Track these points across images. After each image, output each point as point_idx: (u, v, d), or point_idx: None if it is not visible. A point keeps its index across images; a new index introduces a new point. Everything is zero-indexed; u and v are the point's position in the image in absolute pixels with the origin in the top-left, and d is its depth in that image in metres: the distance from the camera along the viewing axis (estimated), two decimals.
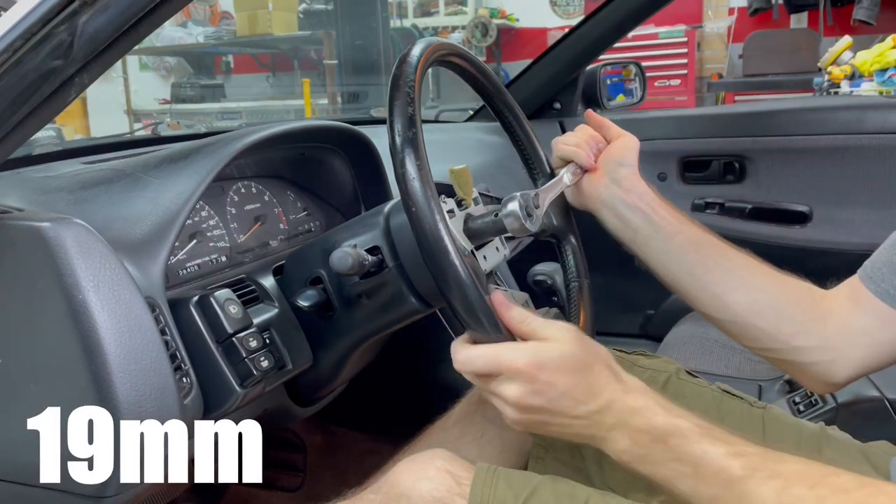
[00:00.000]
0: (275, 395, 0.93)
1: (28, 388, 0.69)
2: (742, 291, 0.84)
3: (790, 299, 0.83)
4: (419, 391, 1.29)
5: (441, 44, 0.79)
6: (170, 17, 0.65)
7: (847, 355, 0.80)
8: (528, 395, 0.64)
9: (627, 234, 0.89)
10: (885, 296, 0.78)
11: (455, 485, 0.69)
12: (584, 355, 0.65)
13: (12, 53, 0.60)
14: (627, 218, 0.88)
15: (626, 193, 0.88)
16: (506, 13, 5.84)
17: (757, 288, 0.84)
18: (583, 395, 0.64)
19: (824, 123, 1.60)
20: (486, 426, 0.93)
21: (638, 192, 0.88)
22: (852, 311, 0.80)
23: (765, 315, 0.83)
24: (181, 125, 5.09)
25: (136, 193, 0.81)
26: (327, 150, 1.11)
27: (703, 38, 5.22)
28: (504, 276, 1.27)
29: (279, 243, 1.07)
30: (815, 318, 0.82)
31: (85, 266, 0.66)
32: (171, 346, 0.73)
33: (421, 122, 0.70)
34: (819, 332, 0.81)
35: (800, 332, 0.82)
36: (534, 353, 0.64)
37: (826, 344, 0.81)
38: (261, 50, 5.89)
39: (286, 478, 1.40)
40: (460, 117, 2.03)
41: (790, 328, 0.82)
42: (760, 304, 0.83)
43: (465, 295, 0.66)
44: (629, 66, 1.96)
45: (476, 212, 0.83)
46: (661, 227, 0.87)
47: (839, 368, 0.81)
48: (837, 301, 0.82)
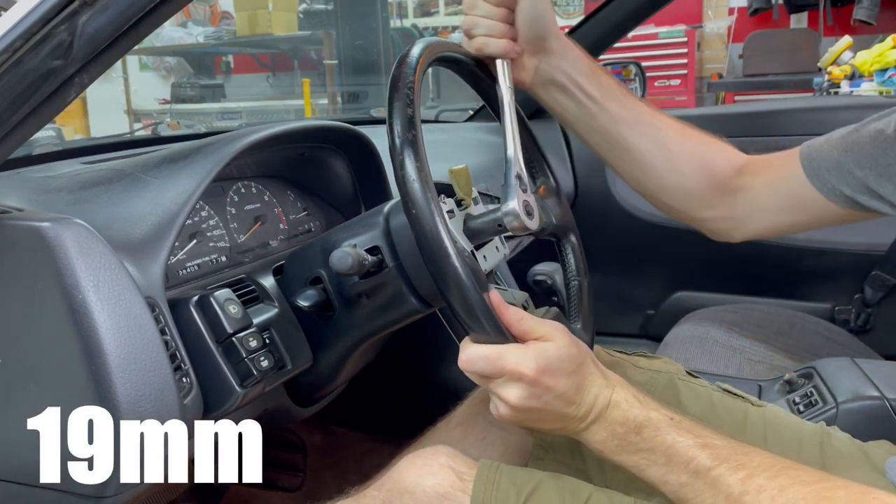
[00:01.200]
0: (275, 395, 0.93)
1: (28, 388, 0.69)
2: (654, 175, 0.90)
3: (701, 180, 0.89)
4: (419, 391, 1.29)
5: (440, 44, 0.79)
6: (170, 17, 0.65)
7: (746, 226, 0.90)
8: (526, 398, 0.65)
9: (559, 114, 0.90)
10: (826, 190, 0.83)
11: (458, 481, 0.70)
12: (577, 355, 0.67)
13: (12, 53, 0.60)
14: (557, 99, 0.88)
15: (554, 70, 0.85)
16: None
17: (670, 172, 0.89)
18: (574, 395, 0.66)
19: (824, 123, 1.59)
20: (488, 428, 0.93)
21: (563, 66, 0.85)
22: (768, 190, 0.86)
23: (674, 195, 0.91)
24: (181, 125, 5.08)
25: (136, 193, 0.81)
26: (327, 150, 1.11)
27: (703, 38, 5.21)
28: (504, 276, 1.27)
29: (279, 243, 1.07)
30: (724, 195, 0.89)
31: (85, 266, 0.66)
32: (170, 345, 0.73)
33: (420, 122, 0.70)
34: (724, 207, 0.90)
35: (704, 206, 0.90)
36: (536, 358, 0.64)
37: (729, 215, 0.90)
38: (261, 50, 5.89)
39: (286, 478, 1.40)
40: (460, 117, 2.03)
41: (696, 203, 0.91)
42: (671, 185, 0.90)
43: (464, 296, 0.66)
44: (629, 66, 1.96)
45: (476, 212, 0.83)
46: (585, 105, 0.87)
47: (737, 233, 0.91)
48: (756, 177, 0.88)
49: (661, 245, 1.77)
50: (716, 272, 1.77)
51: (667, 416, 0.65)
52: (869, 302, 1.61)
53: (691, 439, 0.63)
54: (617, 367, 0.92)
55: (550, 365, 0.65)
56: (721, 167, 0.90)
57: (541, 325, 0.67)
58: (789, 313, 1.47)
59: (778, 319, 1.44)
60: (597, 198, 1.82)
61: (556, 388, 0.65)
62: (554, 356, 0.65)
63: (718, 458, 0.62)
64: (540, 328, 0.67)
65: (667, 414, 0.65)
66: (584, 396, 0.66)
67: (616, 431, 0.65)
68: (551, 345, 0.66)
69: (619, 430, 0.65)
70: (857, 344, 1.40)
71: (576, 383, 0.66)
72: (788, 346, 1.35)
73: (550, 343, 0.66)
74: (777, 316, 1.45)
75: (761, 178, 0.88)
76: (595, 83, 0.87)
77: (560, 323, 0.69)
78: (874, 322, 1.63)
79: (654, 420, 0.65)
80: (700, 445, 0.63)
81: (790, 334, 1.40)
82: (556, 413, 0.66)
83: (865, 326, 1.63)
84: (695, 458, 0.62)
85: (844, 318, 1.65)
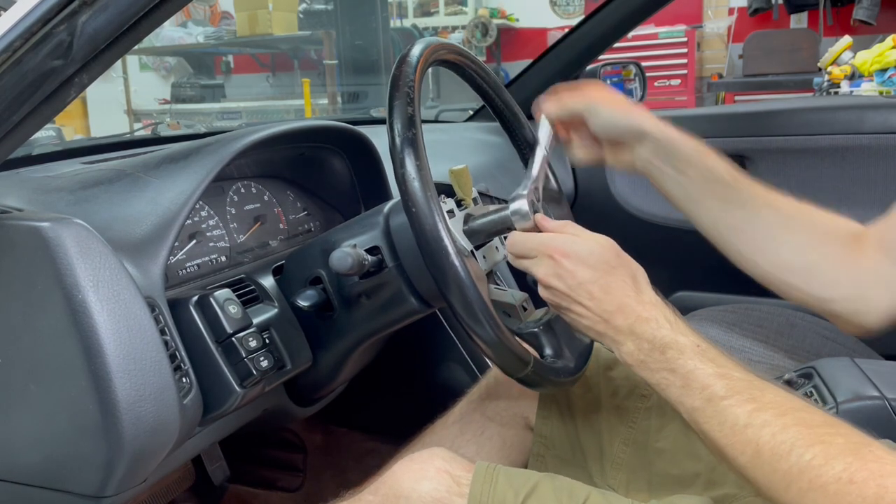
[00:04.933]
0: (274, 395, 0.93)
1: (28, 388, 0.69)
2: (770, 252, 0.85)
3: (822, 251, 0.84)
4: (419, 391, 1.29)
5: (441, 44, 0.79)
6: (170, 17, 0.65)
7: (878, 303, 0.80)
8: (550, 277, 0.72)
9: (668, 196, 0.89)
10: None
11: (454, 485, 0.69)
12: (609, 258, 0.72)
13: (12, 53, 0.59)
14: (658, 183, 0.88)
15: (651, 159, 0.86)
16: (506, 13, 5.83)
17: (785, 246, 0.84)
18: (598, 292, 0.70)
19: (824, 123, 1.60)
20: (486, 424, 0.93)
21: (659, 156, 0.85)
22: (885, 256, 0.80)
23: (794, 271, 0.84)
24: (181, 125, 5.07)
25: (135, 193, 0.81)
26: (327, 150, 1.11)
27: (703, 38, 5.21)
28: (504, 276, 1.27)
29: (279, 243, 1.07)
30: (848, 267, 0.82)
31: (84, 266, 0.66)
32: (170, 346, 0.73)
33: (421, 122, 0.70)
34: (850, 281, 0.82)
35: (830, 283, 0.82)
36: (563, 242, 0.72)
37: (857, 293, 0.81)
38: (261, 50, 5.88)
39: (286, 478, 1.40)
40: (460, 117, 2.03)
41: (821, 280, 0.83)
42: (789, 262, 0.84)
43: (464, 295, 0.66)
44: (629, 66, 1.96)
45: (476, 212, 0.83)
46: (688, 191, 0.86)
47: (870, 315, 0.81)
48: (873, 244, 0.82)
49: (661, 245, 1.77)
50: (716, 272, 1.76)
51: (694, 342, 0.67)
52: None
53: (712, 368, 0.65)
54: (618, 365, 0.93)
55: (574, 251, 0.71)
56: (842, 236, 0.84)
57: (588, 232, 0.74)
58: (789, 313, 1.47)
59: (778, 319, 1.44)
60: (597, 198, 1.82)
61: (576, 276, 0.70)
62: (579, 246, 0.72)
63: (732, 390, 0.63)
64: (586, 233, 0.74)
65: (694, 341, 0.68)
66: (610, 299, 0.70)
67: (642, 347, 0.68)
68: (580, 238, 0.73)
69: (645, 345, 0.68)
70: (857, 344, 1.40)
71: (602, 281, 0.70)
72: (788, 346, 1.35)
73: (580, 238, 0.73)
74: (777, 316, 1.45)
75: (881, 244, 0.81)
76: (696, 169, 0.86)
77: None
78: None
79: (680, 344, 0.67)
80: (718, 375, 0.65)
81: (790, 334, 1.39)
82: (583, 305, 0.71)
83: None
84: (710, 386, 0.64)
85: None
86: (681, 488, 0.82)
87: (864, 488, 0.54)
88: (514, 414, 0.94)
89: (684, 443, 0.85)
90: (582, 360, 0.82)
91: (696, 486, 0.82)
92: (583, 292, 0.71)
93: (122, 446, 0.67)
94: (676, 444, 0.85)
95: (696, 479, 0.82)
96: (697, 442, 0.83)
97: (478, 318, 0.67)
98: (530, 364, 0.72)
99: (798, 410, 0.61)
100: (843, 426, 0.60)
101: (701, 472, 0.82)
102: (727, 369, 0.66)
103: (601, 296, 0.70)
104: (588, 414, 0.91)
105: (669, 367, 0.67)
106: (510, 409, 0.94)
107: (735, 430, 0.62)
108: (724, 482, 0.80)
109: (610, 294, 0.70)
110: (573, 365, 0.80)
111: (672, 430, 0.86)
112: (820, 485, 0.56)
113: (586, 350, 0.84)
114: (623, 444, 0.88)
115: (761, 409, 0.61)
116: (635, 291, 0.71)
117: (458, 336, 1.18)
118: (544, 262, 0.72)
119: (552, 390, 0.90)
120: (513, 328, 0.78)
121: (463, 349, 1.18)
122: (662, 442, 0.86)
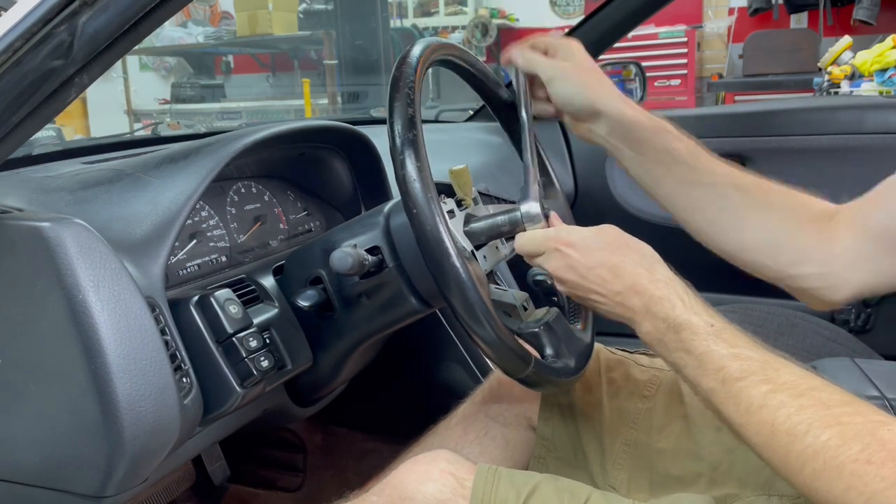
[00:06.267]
0: (275, 395, 0.93)
1: (28, 388, 0.69)
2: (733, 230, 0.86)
3: (788, 228, 0.84)
4: (419, 391, 1.29)
5: (441, 44, 0.79)
6: (170, 17, 0.65)
7: (847, 280, 0.81)
8: (561, 269, 0.73)
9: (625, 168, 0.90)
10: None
11: (459, 486, 0.70)
12: (613, 241, 0.73)
13: (12, 53, 0.59)
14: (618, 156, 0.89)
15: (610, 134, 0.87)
16: (506, 13, 5.83)
17: (750, 224, 0.85)
18: (609, 275, 0.71)
19: (824, 123, 1.60)
20: (489, 425, 0.94)
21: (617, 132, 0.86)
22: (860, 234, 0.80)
23: (760, 249, 0.85)
24: (181, 125, 5.07)
25: (136, 193, 0.81)
26: (327, 150, 1.11)
27: (703, 38, 5.21)
28: (504, 276, 1.27)
29: (279, 243, 1.07)
30: (818, 244, 0.83)
31: (85, 266, 0.66)
32: (170, 346, 0.73)
33: (421, 122, 0.70)
34: (820, 258, 0.83)
35: (799, 260, 0.84)
36: (568, 234, 0.75)
37: (827, 270, 0.82)
38: (261, 50, 5.88)
39: (286, 478, 1.40)
40: (460, 117, 2.03)
41: (789, 257, 0.84)
42: (754, 240, 0.85)
43: (465, 296, 0.66)
44: (629, 66, 1.96)
45: (476, 212, 0.83)
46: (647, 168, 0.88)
47: (838, 291, 0.82)
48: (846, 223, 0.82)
49: (661, 245, 1.76)
50: (716, 272, 1.76)
51: (708, 322, 0.67)
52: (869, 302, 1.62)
53: (726, 349, 0.65)
54: (619, 366, 0.93)
55: (578, 241, 0.73)
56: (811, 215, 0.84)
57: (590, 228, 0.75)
58: (789, 313, 1.47)
59: (778, 319, 1.44)
60: (597, 198, 1.82)
61: (585, 261, 0.72)
62: (584, 234, 0.74)
63: (747, 371, 0.63)
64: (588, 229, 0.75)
65: (708, 320, 0.67)
66: (621, 280, 0.71)
67: (658, 326, 0.69)
68: (587, 230, 0.74)
69: (660, 325, 0.69)
70: (857, 344, 1.40)
71: (610, 263, 0.71)
72: (788, 346, 1.35)
73: (587, 230, 0.74)
74: (777, 316, 1.45)
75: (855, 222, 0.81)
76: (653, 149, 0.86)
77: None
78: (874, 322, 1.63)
79: (694, 324, 0.67)
80: (732, 356, 0.64)
81: (790, 334, 1.39)
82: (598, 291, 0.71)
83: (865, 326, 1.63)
84: (725, 367, 0.64)
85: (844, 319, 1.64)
86: (682, 488, 0.82)
87: (883, 469, 0.53)
88: (518, 415, 0.94)
89: (685, 443, 0.84)
90: (582, 360, 0.82)
91: (698, 486, 0.82)
92: (594, 277, 0.71)
93: (123, 446, 0.67)
94: (678, 445, 0.85)
95: (698, 479, 0.82)
96: (699, 442, 0.83)
97: (478, 319, 0.66)
98: (531, 364, 0.72)
99: (815, 390, 0.60)
100: (862, 404, 0.59)
101: (702, 472, 0.82)
102: (741, 349, 0.65)
103: (612, 278, 0.71)
104: (589, 415, 0.91)
105: (684, 347, 0.67)
106: (513, 410, 0.95)
107: (750, 412, 0.61)
108: (725, 482, 0.80)
109: (620, 275, 0.71)
110: (574, 365, 0.80)
111: (673, 430, 0.86)
112: (836, 465, 0.55)
113: (587, 350, 0.84)
114: (624, 445, 0.88)
115: (777, 389, 0.61)
116: (647, 270, 0.71)
117: (459, 336, 1.18)
118: (553, 255, 0.74)
119: (553, 390, 0.90)
120: (513, 328, 0.78)
121: (463, 349, 1.18)
122: (663, 442, 0.86)
